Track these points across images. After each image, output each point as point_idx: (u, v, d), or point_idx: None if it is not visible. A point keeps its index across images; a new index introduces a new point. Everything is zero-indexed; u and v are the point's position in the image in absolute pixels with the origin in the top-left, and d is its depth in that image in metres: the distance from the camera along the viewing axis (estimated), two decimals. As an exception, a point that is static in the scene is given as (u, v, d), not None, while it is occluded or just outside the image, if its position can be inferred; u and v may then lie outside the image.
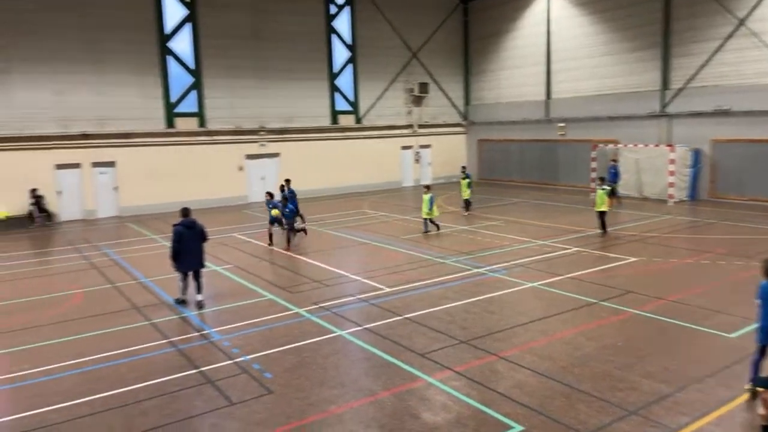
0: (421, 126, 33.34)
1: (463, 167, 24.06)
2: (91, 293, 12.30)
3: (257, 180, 28.38)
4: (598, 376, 7.54)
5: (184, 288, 11.27)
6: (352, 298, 11.35)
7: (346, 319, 10.01)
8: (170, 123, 25.80)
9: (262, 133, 28.15)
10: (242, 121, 27.57)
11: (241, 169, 27.74)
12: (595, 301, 10.68)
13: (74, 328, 10.12)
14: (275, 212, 16.80)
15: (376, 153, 31.49)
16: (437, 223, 18.15)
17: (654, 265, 13.24)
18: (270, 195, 17.49)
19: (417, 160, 33.47)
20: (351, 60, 30.73)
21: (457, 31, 34.30)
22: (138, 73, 24.77)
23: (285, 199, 16.84)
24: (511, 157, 32.35)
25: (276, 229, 17.32)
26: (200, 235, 11.15)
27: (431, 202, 17.66)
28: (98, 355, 8.72)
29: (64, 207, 23.54)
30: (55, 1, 22.76)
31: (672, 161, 22.83)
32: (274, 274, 13.37)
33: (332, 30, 29.98)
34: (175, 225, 11.03)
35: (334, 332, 9.39)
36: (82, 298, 12.00)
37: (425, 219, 17.80)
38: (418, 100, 32.91)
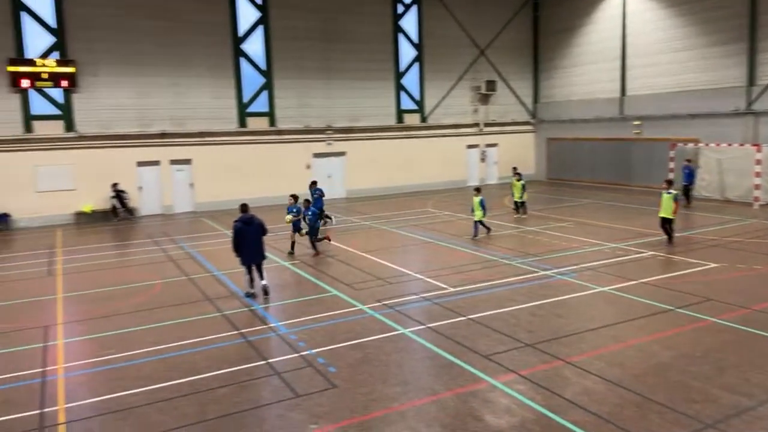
0: (487, 124, 32.89)
1: (515, 168, 23.50)
2: (169, 284, 12.95)
3: (324, 178, 28.83)
4: (674, 386, 7.20)
5: (251, 281, 11.70)
6: (415, 296, 11.37)
7: (409, 318, 10.04)
8: (242, 122, 26.74)
9: (328, 132, 28.66)
10: (310, 120, 28.18)
11: (308, 167, 28.34)
12: (671, 308, 10.19)
13: (153, 316, 10.71)
14: (289, 218, 15.28)
15: (441, 152, 31.35)
16: (488, 226, 17.40)
17: (737, 272, 12.48)
18: (294, 198, 15.75)
19: (483, 159, 33.05)
20: (417, 59, 30.73)
21: (527, 28, 33.57)
22: (213, 75, 25.83)
23: (307, 201, 15.79)
24: (582, 156, 31.33)
25: (301, 236, 15.80)
26: (259, 230, 11.58)
27: (482, 204, 17.07)
28: (175, 344, 9.18)
29: (145, 202, 24.90)
30: (138, 8, 24.08)
31: (758, 162, 21.39)
32: (338, 271, 13.59)
33: (399, 29, 30.09)
34: (234, 222, 11.53)
35: (397, 330, 9.44)
36: (160, 288, 12.66)
37: (476, 222, 17.16)
38: (484, 98, 32.48)
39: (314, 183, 19.21)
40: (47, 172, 23.01)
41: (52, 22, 22.83)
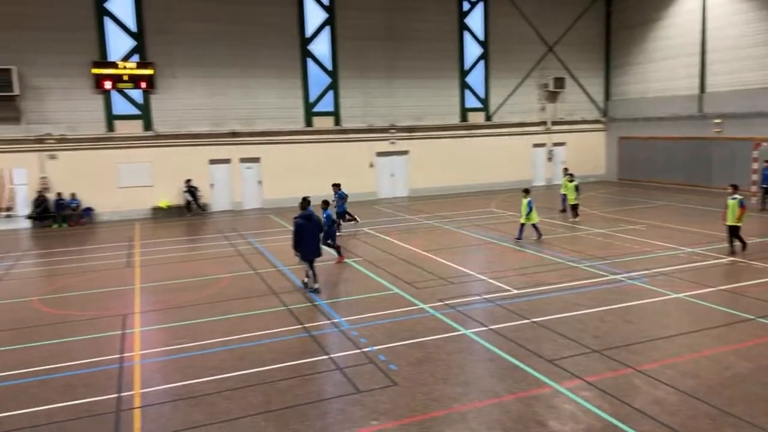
0: (555, 123, 32.04)
1: (566, 168, 22.63)
2: (237, 278, 13.43)
3: (387, 176, 29.12)
4: (753, 399, 6.79)
5: (314, 277, 11.97)
6: (477, 297, 11.26)
7: (471, 318, 9.95)
8: (308, 122, 27.32)
9: (392, 131, 28.81)
10: (374, 119, 28.42)
11: (371, 165, 28.61)
12: (752, 317, 9.60)
13: (222, 308, 11.14)
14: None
15: (506, 151, 30.84)
16: (539, 229, 16.61)
17: (829, 281, 11.58)
18: (325, 204, 14.98)
19: (550, 159, 32.23)
20: (483, 56, 30.35)
21: (598, 23, 32.44)
22: (281, 76, 26.53)
23: (325, 203, 14.93)
24: (656, 155, 29.96)
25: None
26: (317, 227, 11.90)
27: (530, 206, 16.38)
28: (242, 335, 9.53)
29: (216, 199, 25.93)
30: (212, 13, 25.07)
31: None
32: (400, 269, 13.65)
33: (464, 27, 29.82)
34: (295, 218, 11.88)
35: (459, 330, 9.39)
36: (229, 281, 13.15)
37: (522, 225, 16.52)
38: (552, 96, 31.67)
39: (337, 185, 18.87)
40: (127, 169, 24.39)
41: (132, 26, 24.15)
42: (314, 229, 11.88)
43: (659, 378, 7.42)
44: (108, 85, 23.69)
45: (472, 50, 30.21)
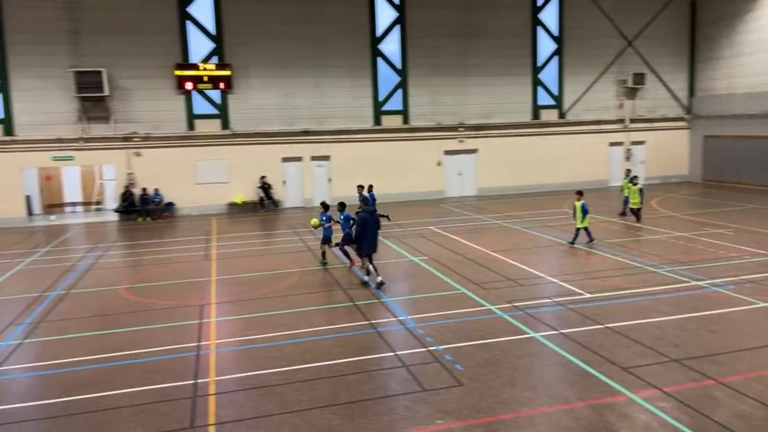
0: (633, 120, 30.67)
1: (628, 170, 21.40)
2: (307, 273, 13.75)
3: (454, 175, 28.90)
4: None
5: (375, 270, 12.19)
6: (548, 300, 10.97)
7: (541, 322, 9.72)
8: (377, 120, 27.56)
9: (460, 129, 28.55)
10: (442, 117, 28.27)
11: (439, 164, 28.49)
12: None
13: (292, 302, 11.45)
14: (314, 222, 14.57)
15: (580, 150, 29.83)
16: (591, 233, 15.83)
17: None
18: (324, 207, 14.64)
19: (628, 158, 30.87)
20: (557, 52, 29.50)
21: (682, 15, 30.74)
22: (351, 75, 26.90)
23: (342, 205, 14.23)
24: (746, 155, 28.06)
25: (330, 247, 14.71)
26: (377, 223, 12.23)
27: (584, 210, 15.55)
28: (310, 329, 9.75)
29: (288, 195, 26.67)
30: (286, 15, 25.77)
31: None
32: (468, 269, 13.51)
33: (538, 22, 29.08)
34: (358, 212, 12.23)
35: (528, 333, 9.19)
36: (299, 276, 13.49)
37: (577, 229, 15.81)
38: (631, 93, 30.32)
39: (362, 187, 18.57)
40: (205, 167, 25.54)
41: (212, 29, 25.22)
42: (375, 224, 12.20)
43: (744, 391, 6.96)
44: (189, 86, 24.87)
45: (546, 46, 29.42)
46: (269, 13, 25.57)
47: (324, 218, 14.28)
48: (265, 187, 25.90)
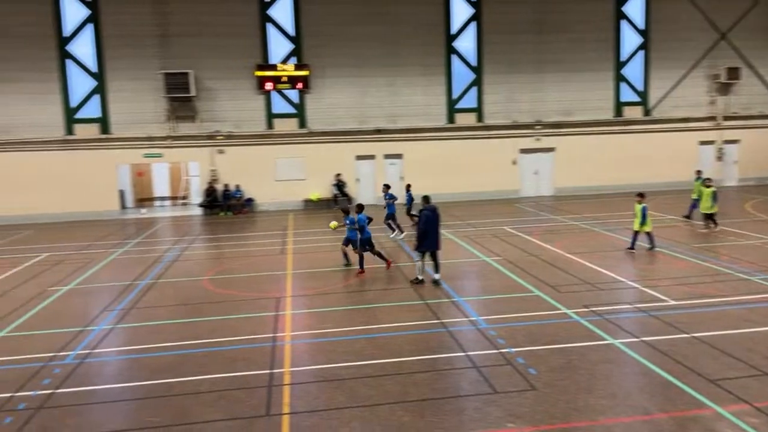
0: (727, 118, 28.74)
1: (699, 171, 19.80)
2: (377, 270, 13.87)
3: (530, 174, 28.25)
4: None
5: (423, 268, 12.28)
6: (628, 306, 10.50)
7: (620, 328, 9.31)
8: (451, 118, 27.37)
9: (537, 127, 27.84)
10: (518, 115, 27.69)
11: (514, 163, 27.93)
12: None
13: (363, 298, 11.61)
14: (333, 225, 14.27)
15: (666, 148, 28.31)
16: (653, 240, 14.89)
17: None
18: (344, 211, 14.28)
19: (720, 158, 28.98)
20: (642, 46, 28.14)
21: (785, 3, 28.47)
22: (425, 74, 26.88)
23: (360, 207, 14.06)
24: None
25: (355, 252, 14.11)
26: (439, 220, 12.22)
27: (643, 213, 14.59)
28: (381, 325, 9.84)
29: (361, 192, 27.03)
30: (361, 15, 26.15)
31: None
32: (543, 271, 13.16)
33: (622, 15, 27.85)
34: (422, 210, 12.18)
35: (606, 340, 8.83)
36: (370, 272, 13.63)
37: (635, 233, 14.87)
38: (724, 88, 28.43)
39: (387, 186, 18.28)
40: (283, 164, 26.38)
41: (291, 31, 25.95)
42: (438, 222, 12.24)
43: None
44: (269, 86, 25.74)
45: (631, 40, 28.13)
46: (345, 13, 26.00)
47: (348, 221, 13.88)
48: (340, 185, 26.41)
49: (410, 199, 19.97)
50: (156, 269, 14.87)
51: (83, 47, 24.84)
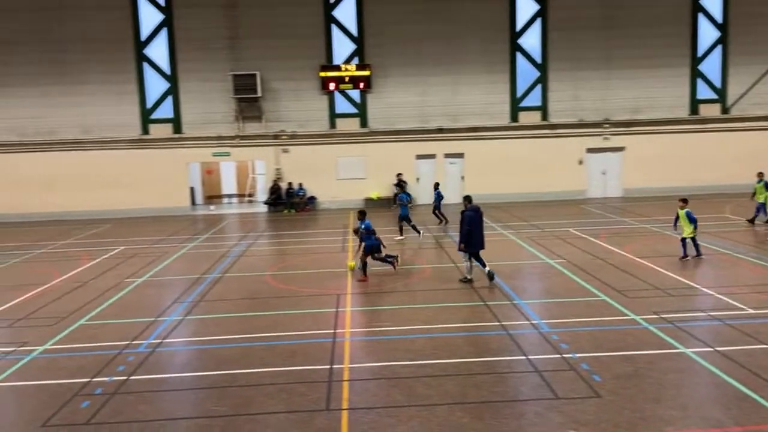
0: (815, 115, 26.77)
1: (761, 173, 18.21)
2: (437, 269, 13.83)
3: (597, 174, 27.36)
4: None
5: (471, 269, 12.28)
6: (702, 313, 9.98)
7: (693, 336, 8.86)
8: (514, 117, 26.88)
9: (605, 126, 26.90)
10: (585, 113, 26.86)
11: (580, 162, 27.11)
12: None
13: (422, 297, 11.60)
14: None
15: (746, 148, 26.64)
16: (699, 248, 14.03)
17: None
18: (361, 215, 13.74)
19: (805, 158, 27.00)
20: (720, 41, 26.64)
21: None
22: (488, 72, 26.52)
23: (361, 214, 13.63)
24: None
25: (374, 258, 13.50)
26: (482, 220, 12.30)
27: (689, 218, 13.73)
28: (440, 325, 9.80)
29: (421, 192, 27.00)
30: (422, 14, 26.09)
31: None
32: (609, 275, 12.71)
33: (698, 8, 26.48)
34: (464, 211, 12.20)
35: (677, 348, 8.42)
36: (430, 272, 13.62)
37: (683, 239, 13.97)
38: (813, 83, 26.47)
39: (402, 182, 18.05)
40: (345, 163, 26.74)
41: (354, 31, 26.25)
42: (481, 222, 12.27)
43: None
44: (332, 86, 26.15)
45: (708, 34, 26.69)
46: (407, 12, 26.04)
47: (363, 227, 13.21)
48: (401, 184, 26.38)
49: (439, 198, 20.45)
50: (223, 264, 15.42)
51: (158, 50, 26.10)
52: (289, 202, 26.47)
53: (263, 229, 22.12)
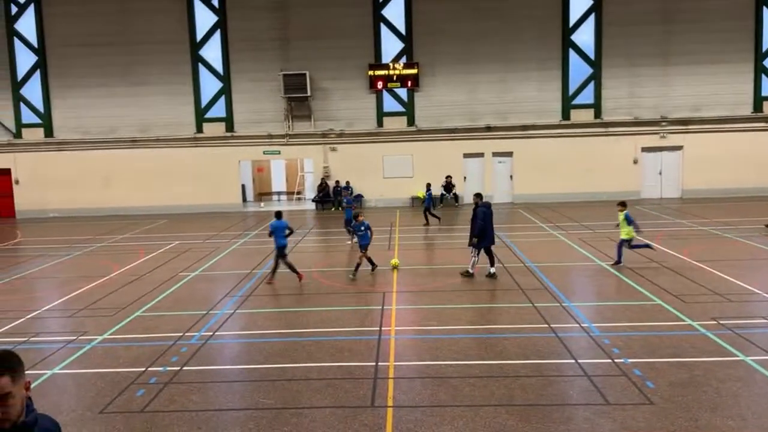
0: None
1: None
2: (484, 270, 13.65)
3: (653, 174, 26.46)
4: None
5: (492, 261, 12.83)
6: (763, 320, 9.50)
7: (754, 344, 8.44)
8: (566, 115, 26.28)
9: (662, 124, 25.95)
10: (640, 111, 26.00)
11: (635, 162, 26.26)
12: None
13: (469, 297, 11.50)
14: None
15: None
16: (622, 253, 13.59)
17: None
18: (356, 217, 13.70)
19: None
20: (790, 33, 25.25)
21: None
22: (540, 69, 26.03)
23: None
24: None
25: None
26: (492, 216, 12.83)
27: (628, 221, 13.27)
28: (487, 326, 9.71)
29: (468, 191, 26.77)
30: (472, 11, 25.87)
31: None
32: (665, 279, 12.26)
33: (763, 2, 25.15)
34: (477, 208, 12.53)
35: (736, 356, 8.05)
36: (476, 273, 13.47)
37: (621, 241, 13.44)
38: None
39: (449, 186, 17.99)
40: (391, 161, 26.80)
41: (402, 29, 26.26)
42: (492, 218, 12.75)
43: None
44: (380, 85, 26.24)
45: (775, 27, 25.36)
46: (456, 10, 25.86)
47: (363, 226, 13.24)
48: (449, 186, 26.27)
49: (431, 198, 20.62)
50: (272, 260, 15.70)
51: (212, 52, 26.84)
52: (336, 200, 26.74)
53: (311, 226, 22.43)
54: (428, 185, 21.60)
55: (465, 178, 26.87)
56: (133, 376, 7.96)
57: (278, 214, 13.59)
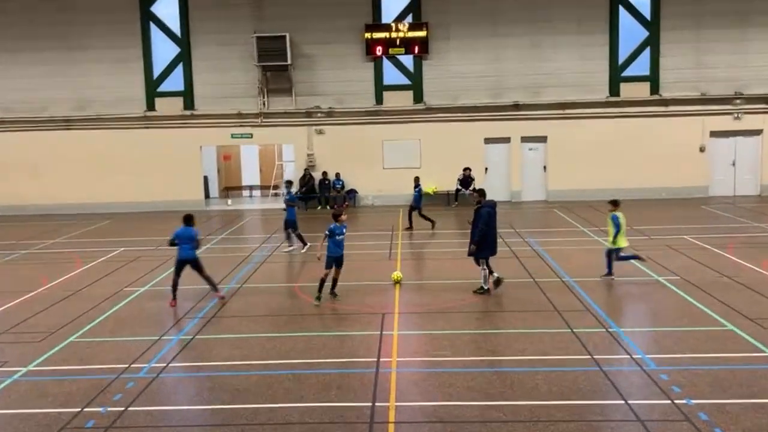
0: None
1: None
2: (510, 285, 13.66)
3: (725, 165, 26.54)
4: None
5: (491, 272, 12.94)
6: None
7: None
8: (615, 90, 26.32)
9: (737, 102, 26.02)
10: (709, 85, 26.05)
11: (702, 149, 26.30)
12: None
13: (491, 320, 11.55)
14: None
15: None
16: (612, 263, 13.95)
17: None
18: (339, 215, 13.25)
19: None
20: None
21: None
22: (581, 32, 26.11)
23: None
24: None
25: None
26: (496, 218, 12.95)
27: (614, 223, 13.63)
28: (513, 357, 9.71)
29: (489, 186, 26.63)
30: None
31: None
32: (739, 298, 12.29)
33: None
34: (481, 208, 12.72)
35: (830, 396, 8.07)
36: (499, 289, 13.47)
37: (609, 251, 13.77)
38: None
39: (468, 180, 18.07)
40: (393, 148, 26.84)
41: (410, -19, 26.30)
42: (496, 221, 12.93)
43: None
44: (379, 50, 26.30)
45: None
46: (478, -43, 25.91)
47: (344, 229, 13.03)
48: (467, 181, 26.06)
49: (420, 195, 20.75)
50: (242, 272, 15.73)
51: (167, 8, 26.83)
52: (322, 196, 26.75)
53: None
54: (416, 179, 21.44)
55: (486, 169, 26.90)
56: (66, 419, 7.95)
57: (187, 219, 13.28)
